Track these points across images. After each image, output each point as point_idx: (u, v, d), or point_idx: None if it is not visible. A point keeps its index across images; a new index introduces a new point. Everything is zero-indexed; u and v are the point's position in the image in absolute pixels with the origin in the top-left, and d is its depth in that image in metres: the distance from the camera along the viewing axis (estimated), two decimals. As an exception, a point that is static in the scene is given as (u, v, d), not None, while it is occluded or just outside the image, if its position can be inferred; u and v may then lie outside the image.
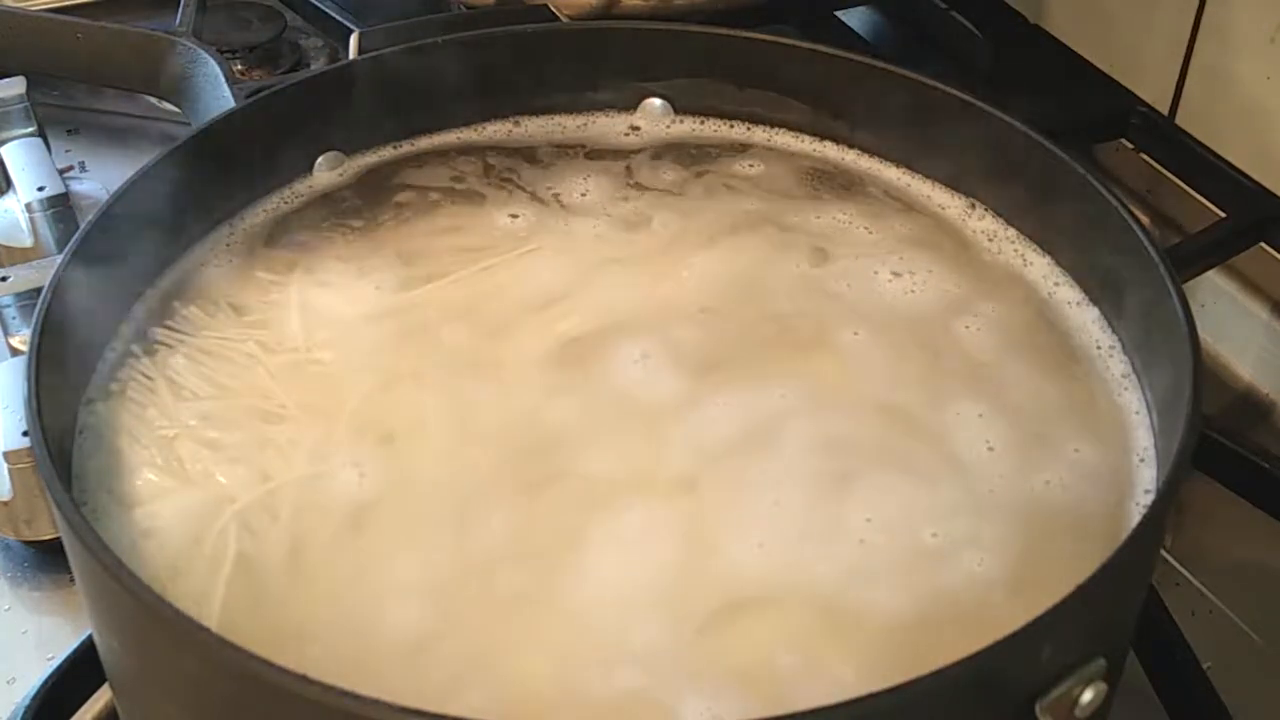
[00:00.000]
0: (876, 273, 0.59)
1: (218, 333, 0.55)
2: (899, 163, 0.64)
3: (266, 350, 0.55)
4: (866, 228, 0.61)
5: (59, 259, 0.51)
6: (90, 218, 0.53)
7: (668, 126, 0.67)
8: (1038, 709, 0.40)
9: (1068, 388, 0.54)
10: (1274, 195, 0.76)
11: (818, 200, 0.63)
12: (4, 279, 0.70)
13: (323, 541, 0.48)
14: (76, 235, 0.52)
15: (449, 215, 0.62)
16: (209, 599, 0.46)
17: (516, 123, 0.67)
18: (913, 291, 0.58)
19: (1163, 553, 0.65)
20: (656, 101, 0.67)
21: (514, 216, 0.62)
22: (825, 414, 0.52)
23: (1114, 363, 0.55)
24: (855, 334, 0.56)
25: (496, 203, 0.63)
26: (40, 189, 0.75)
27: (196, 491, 0.49)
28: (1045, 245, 0.60)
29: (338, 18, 0.91)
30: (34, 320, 0.48)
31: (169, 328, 0.55)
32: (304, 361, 0.54)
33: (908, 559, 0.47)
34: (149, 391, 0.53)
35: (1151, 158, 0.83)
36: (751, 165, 0.65)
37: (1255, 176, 0.77)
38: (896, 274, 0.58)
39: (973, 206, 0.62)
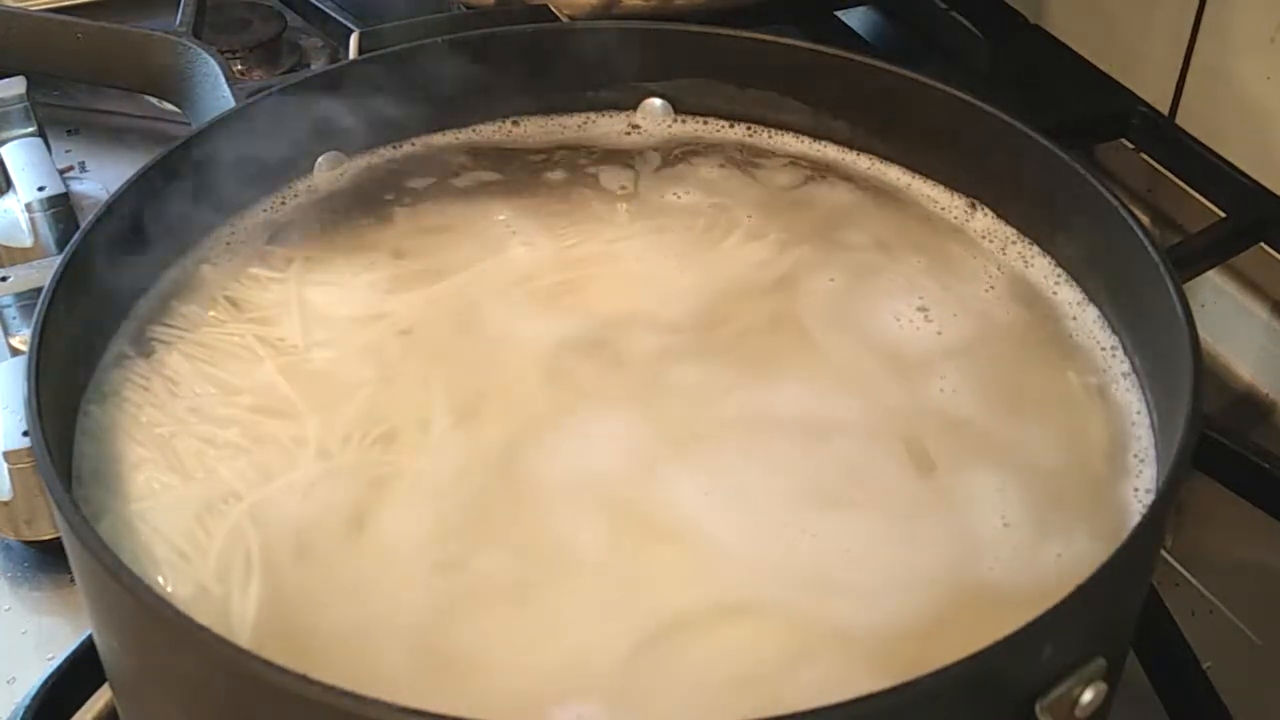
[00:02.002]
0: (882, 283, 0.59)
1: (217, 332, 0.55)
2: (899, 163, 0.64)
3: (266, 348, 0.55)
4: (870, 232, 0.61)
5: (59, 259, 0.51)
6: (90, 218, 0.53)
7: (668, 126, 0.67)
8: (1038, 709, 0.40)
9: (1069, 390, 0.54)
10: (1274, 195, 0.76)
11: (816, 201, 0.63)
12: (4, 279, 0.71)
13: (329, 540, 0.48)
14: (77, 235, 0.52)
15: (448, 215, 0.62)
16: (239, 599, 0.46)
17: (516, 123, 0.67)
18: (921, 313, 0.58)
19: (1163, 553, 0.65)
20: (656, 101, 0.67)
21: (514, 216, 0.62)
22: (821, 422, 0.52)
23: (1114, 363, 0.55)
24: (842, 338, 0.56)
25: (496, 203, 0.63)
26: (40, 189, 0.76)
27: (200, 489, 0.49)
28: (1046, 245, 0.59)
29: (338, 18, 0.91)
30: (34, 320, 0.48)
31: (169, 326, 0.55)
32: (303, 359, 0.54)
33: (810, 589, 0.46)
34: (149, 390, 0.53)
35: (1151, 158, 0.83)
36: (752, 165, 0.65)
37: (1255, 176, 0.77)
38: (916, 305, 0.58)
39: (973, 206, 0.62)
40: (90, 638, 0.51)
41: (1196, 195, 0.80)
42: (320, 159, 0.63)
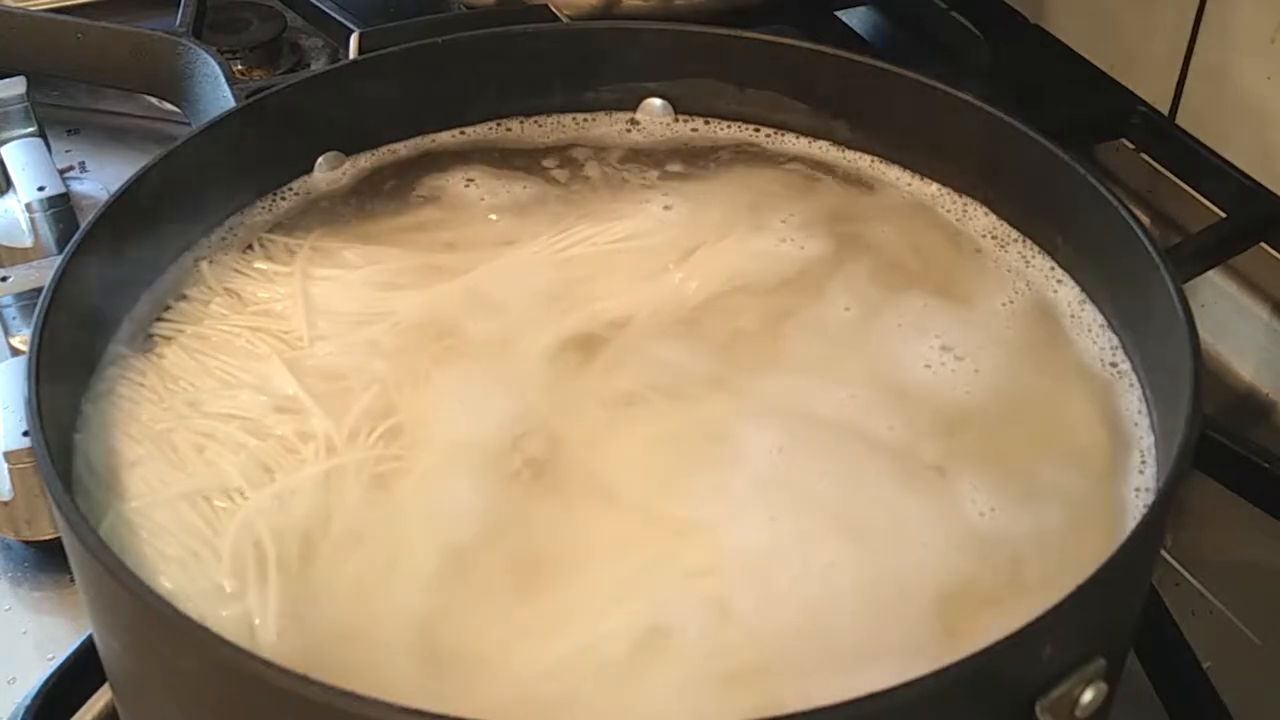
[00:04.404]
0: (886, 283, 0.59)
1: (218, 332, 0.55)
2: (899, 163, 0.64)
3: (270, 343, 0.55)
4: (869, 231, 0.61)
5: (59, 259, 0.51)
6: (90, 217, 0.53)
7: (668, 126, 0.67)
8: (1038, 709, 0.40)
9: (1068, 391, 0.54)
10: (1274, 195, 0.76)
11: (816, 201, 0.63)
12: (4, 279, 0.71)
13: (334, 537, 0.48)
14: (77, 235, 0.52)
15: (449, 214, 0.62)
16: (256, 597, 0.46)
17: (517, 122, 0.67)
18: (921, 313, 0.58)
19: (1163, 553, 0.65)
20: (656, 101, 0.67)
21: (514, 215, 0.62)
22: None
23: (1114, 362, 0.55)
24: (818, 344, 0.56)
25: (497, 201, 0.63)
26: (40, 189, 0.76)
27: (200, 485, 0.49)
28: (1045, 245, 0.60)
29: (338, 18, 0.91)
30: (34, 320, 0.48)
31: (170, 323, 0.55)
32: (307, 354, 0.54)
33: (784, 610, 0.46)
34: (149, 389, 0.53)
35: (1151, 158, 0.83)
36: (752, 166, 0.65)
37: (1255, 176, 0.77)
38: (919, 305, 0.58)
39: (973, 206, 0.62)
40: (90, 638, 0.51)
41: (1196, 195, 0.80)
42: (320, 159, 0.63)
